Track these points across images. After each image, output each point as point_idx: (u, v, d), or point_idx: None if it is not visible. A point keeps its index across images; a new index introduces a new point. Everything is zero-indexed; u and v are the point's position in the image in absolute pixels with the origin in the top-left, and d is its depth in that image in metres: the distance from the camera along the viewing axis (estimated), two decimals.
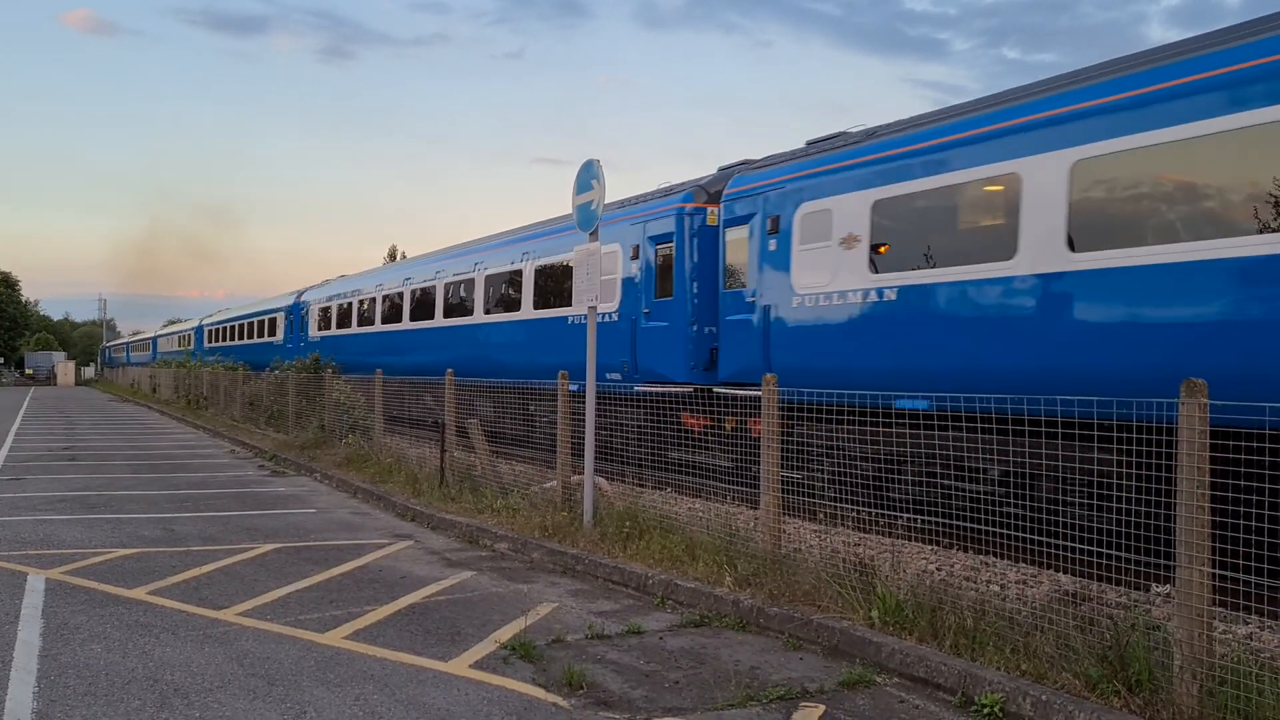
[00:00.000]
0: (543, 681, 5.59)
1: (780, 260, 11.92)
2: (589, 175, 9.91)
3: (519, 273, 18.88)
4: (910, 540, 8.54)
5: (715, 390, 12.34)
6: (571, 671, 5.61)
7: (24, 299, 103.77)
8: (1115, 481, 7.65)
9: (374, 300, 26.58)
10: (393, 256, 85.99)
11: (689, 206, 14.31)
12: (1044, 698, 4.94)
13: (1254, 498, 5.34)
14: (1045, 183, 8.88)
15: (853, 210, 10.91)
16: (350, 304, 28.67)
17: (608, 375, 14.89)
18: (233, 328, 45.35)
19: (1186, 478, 4.78)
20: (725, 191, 13.38)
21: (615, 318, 15.49)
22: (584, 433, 9.53)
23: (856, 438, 8.86)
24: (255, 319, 40.78)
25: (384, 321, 25.64)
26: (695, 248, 14.08)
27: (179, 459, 18.84)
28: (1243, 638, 6.09)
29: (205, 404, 32.50)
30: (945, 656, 5.61)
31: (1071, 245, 8.66)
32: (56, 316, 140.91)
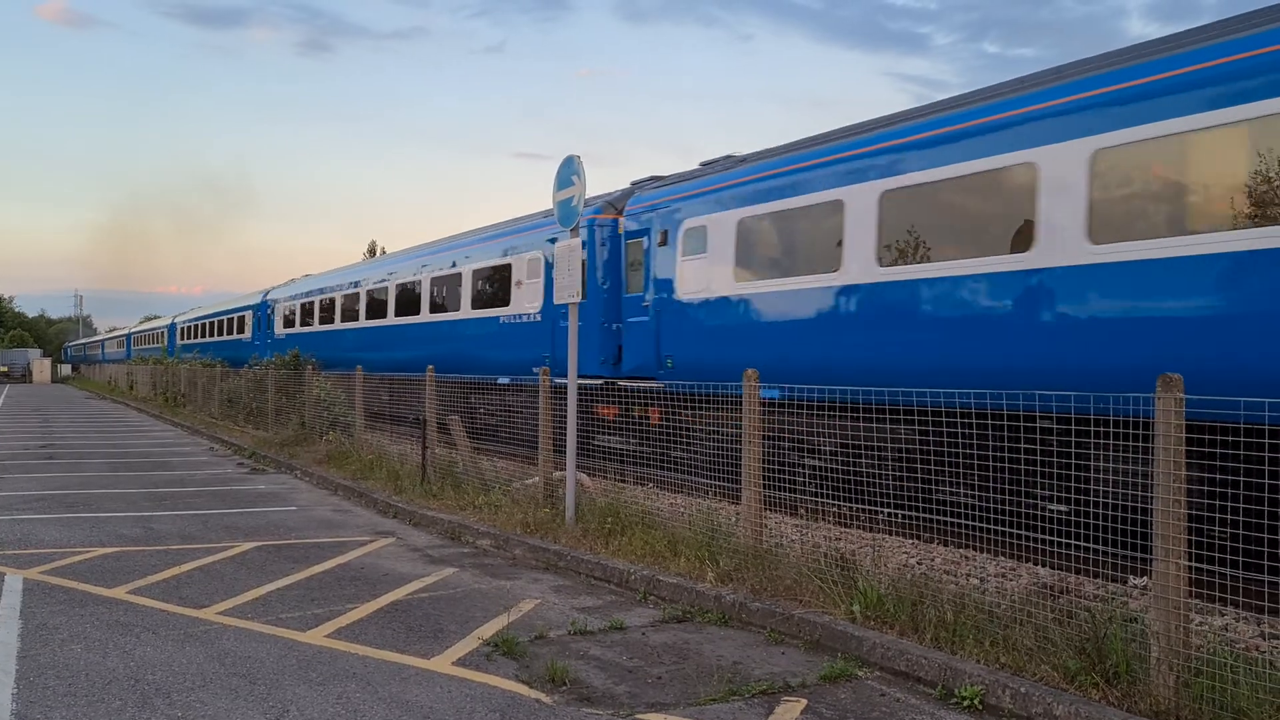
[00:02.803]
0: (526, 678, 5.60)
1: (274, 321, 32.17)
2: (569, 171, 9.91)
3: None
4: (891, 534, 8.60)
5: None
6: (554, 668, 5.62)
7: None
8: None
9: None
10: (372, 252, 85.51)
11: (266, 299, 34.03)
12: (1023, 690, 4.99)
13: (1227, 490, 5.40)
14: None
15: (288, 306, 31.13)
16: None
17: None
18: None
19: (1163, 471, 4.83)
20: (269, 297, 33.51)
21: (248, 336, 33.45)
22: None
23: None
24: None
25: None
26: (266, 317, 32.61)
27: (157, 457, 18.70)
28: (1219, 629, 6.17)
29: (183, 401, 32.26)
30: (926, 650, 5.65)
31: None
32: (32, 313, 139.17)
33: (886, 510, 8.56)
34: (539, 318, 16.86)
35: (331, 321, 27.72)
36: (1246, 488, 5.45)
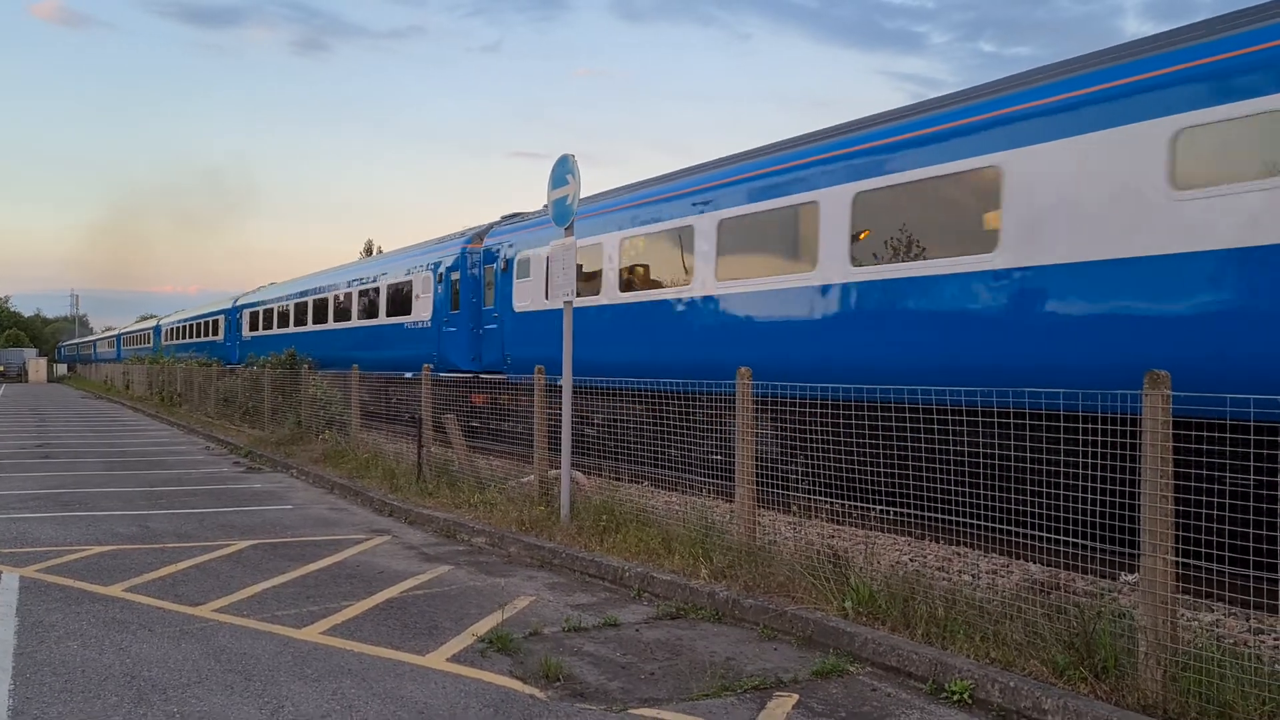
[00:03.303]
0: (520, 674, 5.63)
1: (242, 325, 37.09)
2: (564, 170, 9.93)
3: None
4: (884, 530, 8.65)
5: None
6: (549, 664, 5.66)
7: None
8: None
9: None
10: (369, 251, 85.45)
11: (236, 305, 38.46)
12: (1012, 684, 5.04)
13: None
14: None
15: (252, 312, 35.93)
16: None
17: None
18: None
19: (1150, 468, 4.87)
20: (238, 303, 37.04)
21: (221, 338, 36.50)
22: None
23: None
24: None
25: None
26: (236, 321, 35.14)
27: (153, 456, 18.72)
28: (1207, 625, 6.21)
29: (179, 400, 32.27)
30: (917, 645, 5.69)
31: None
32: (28, 313, 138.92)
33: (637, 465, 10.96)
34: (429, 324, 20.94)
35: (287, 325, 31.81)
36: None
